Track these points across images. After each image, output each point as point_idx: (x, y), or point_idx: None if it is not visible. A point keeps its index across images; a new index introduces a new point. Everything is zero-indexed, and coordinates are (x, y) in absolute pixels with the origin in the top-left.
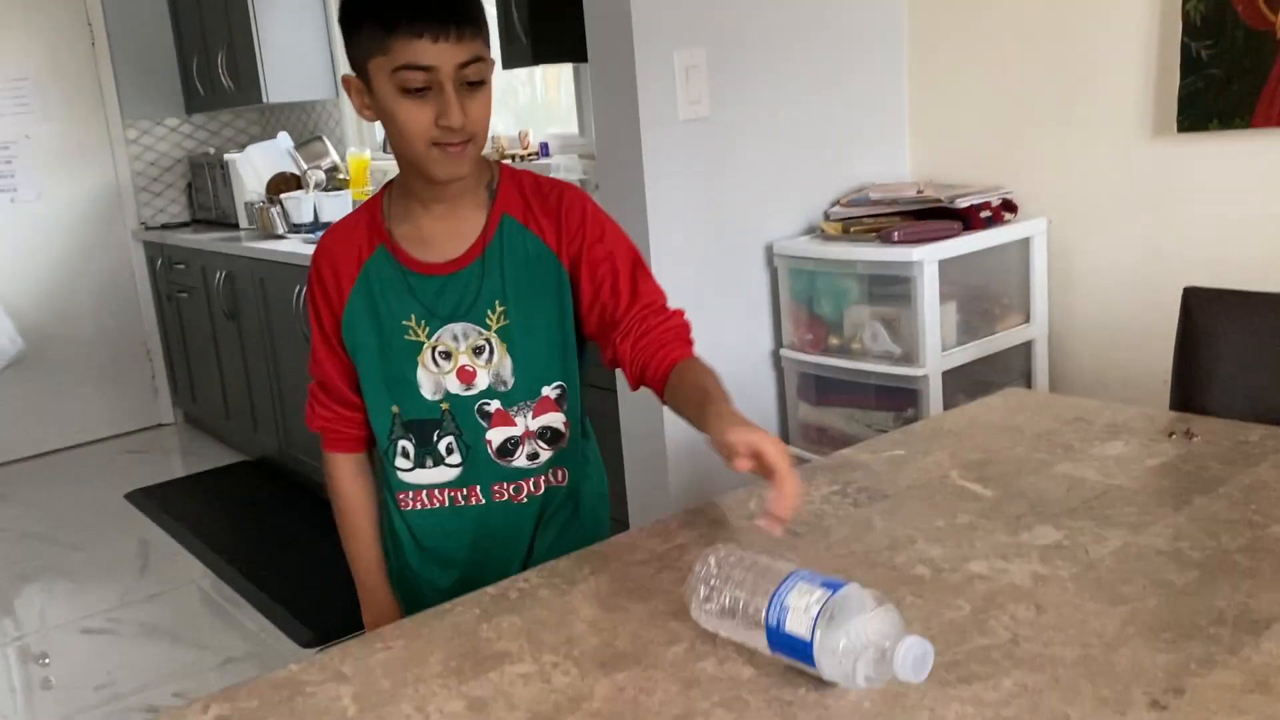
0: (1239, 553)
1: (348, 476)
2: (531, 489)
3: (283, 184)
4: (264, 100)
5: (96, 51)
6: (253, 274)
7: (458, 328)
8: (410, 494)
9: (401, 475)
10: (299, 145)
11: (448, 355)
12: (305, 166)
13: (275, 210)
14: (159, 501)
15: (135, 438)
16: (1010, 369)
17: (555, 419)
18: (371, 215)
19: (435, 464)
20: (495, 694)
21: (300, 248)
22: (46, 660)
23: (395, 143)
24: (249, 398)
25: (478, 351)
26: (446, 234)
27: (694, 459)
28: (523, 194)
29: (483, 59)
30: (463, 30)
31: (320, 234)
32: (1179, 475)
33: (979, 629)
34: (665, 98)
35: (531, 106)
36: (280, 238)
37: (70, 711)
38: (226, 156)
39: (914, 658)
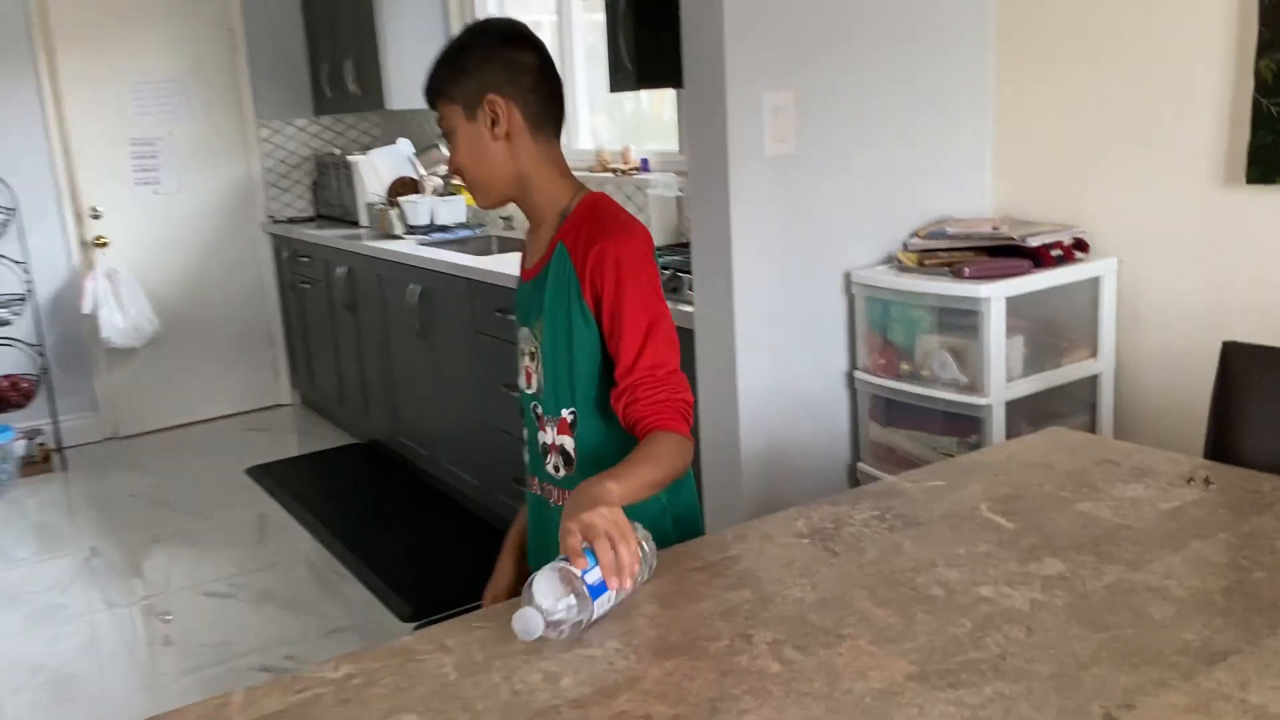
0: (1219, 593)
1: None
2: (559, 498)
3: (402, 187)
4: (386, 106)
5: (236, 56)
6: (371, 270)
7: (523, 331)
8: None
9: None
10: (418, 151)
11: (522, 354)
12: (424, 172)
13: (394, 212)
14: (276, 477)
15: (255, 416)
16: (1076, 400)
17: (568, 442)
18: None
19: (526, 446)
20: (566, 670)
21: (415, 249)
22: (169, 618)
23: None
24: (362, 385)
25: (532, 356)
26: (532, 248)
27: (768, 471)
28: (582, 226)
29: (446, 119)
30: (433, 104)
31: (435, 236)
32: (1186, 519)
33: (974, 644)
34: (753, 135)
35: (637, 118)
36: (397, 238)
37: (190, 667)
38: (350, 158)
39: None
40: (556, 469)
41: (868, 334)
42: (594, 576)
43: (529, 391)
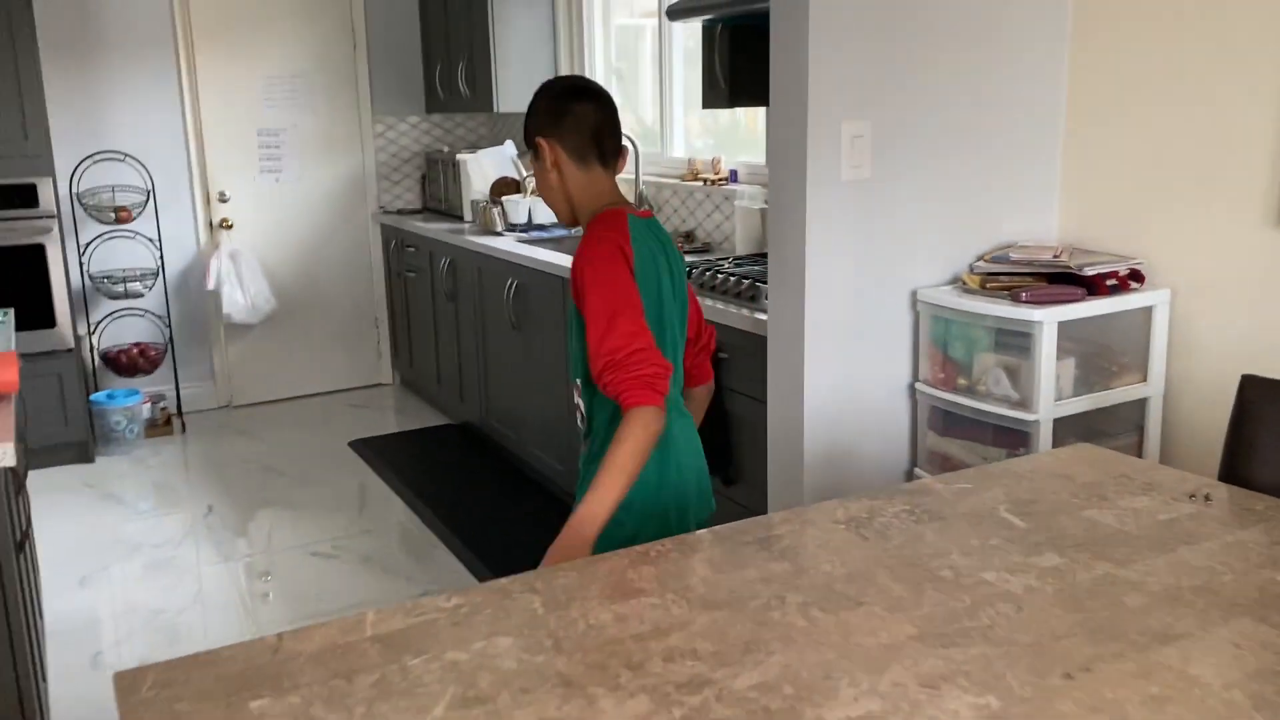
0: (1189, 590)
1: None
2: (583, 447)
3: (505, 187)
4: (494, 109)
5: (357, 55)
6: (472, 263)
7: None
8: None
9: None
10: (522, 153)
11: None
12: (525, 173)
13: (496, 210)
14: (376, 451)
15: (358, 393)
16: (1124, 421)
17: (581, 403)
18: None
19: None
20: (631, 613)
21: (514, 246)
22: (269, 577)
23: None
24: (458, 370)
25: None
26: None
27: (830, 470)
28: (584, 240)
29: (531, 154)
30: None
31: (532, 234)
32: (1178, 529)
33: (969, 616)
34: (831, 161)
35: (732, 128)
36: (498, 235)
37: (292, 619)
38: (458, 156)
39: None
40: (580, 420)
41: (930, 349)
42: None
43: None
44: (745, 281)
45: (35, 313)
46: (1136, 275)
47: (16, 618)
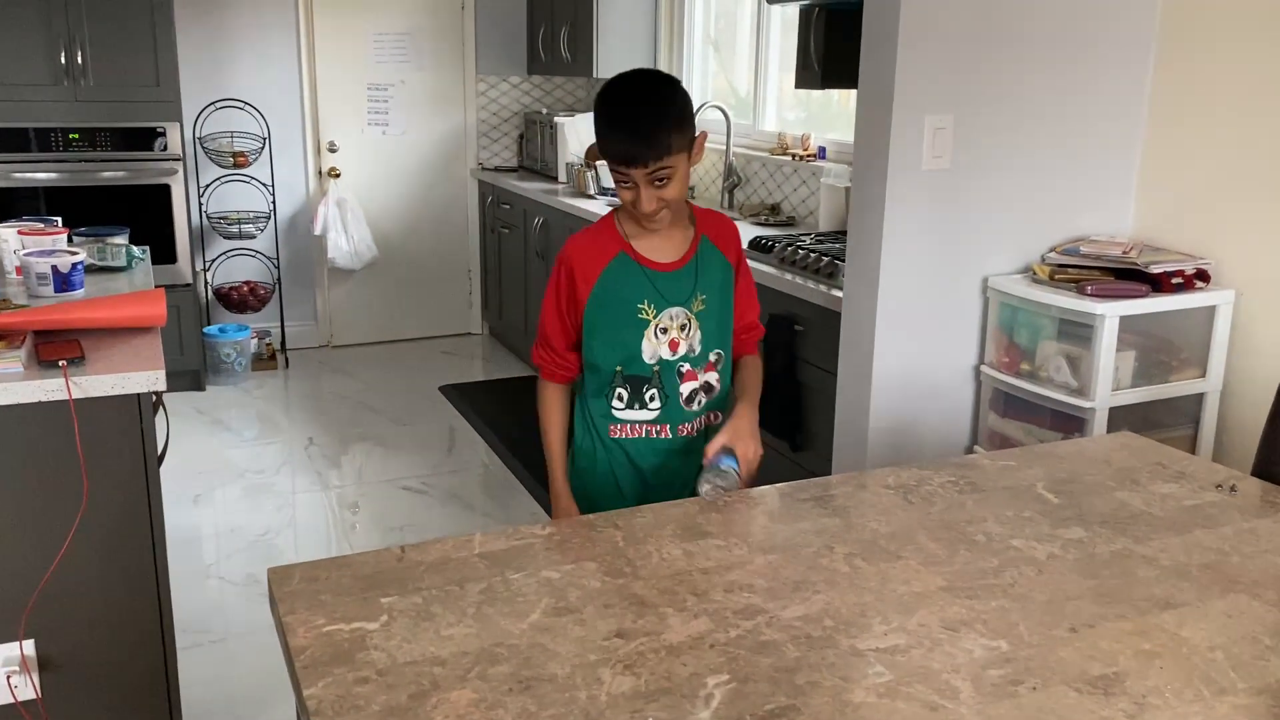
0: (1195, 566)
1: (554, 401)
2: (699, 425)
3: (598, 152)
4: (594, 74)
5: (464, 14)
6: (564, 224)
7: (674, 310)
8: (619, 426)
9: (616, 413)
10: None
11: (665, 330)
12: None
13: (590, 174)
14: (464, 396)
15: (449, 341)
16: (1180, 414)
17: (713, 376)
18: (610, 232)
19: (641, 407)
20: (699, 551)
21: (605, 210)
22: (357, 509)
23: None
24: None
25: (682, 328)
26: (668, 246)
27: (893, 444)
28: (711, 224)
29: (667, 166)
30: (648, 159)
31: None
32: (1200, 514)
33: (994, 575)
34: (913, 151)
35: (825, 105)
36: (590, 198)
37: (378, 545)
38: (556, 118)
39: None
40: (701, 403)
41: (996, 334)
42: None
43: (673, 358)
44: (825, 259)
45: (158, 249)
46: (1203, 275)
47: (159, 526)
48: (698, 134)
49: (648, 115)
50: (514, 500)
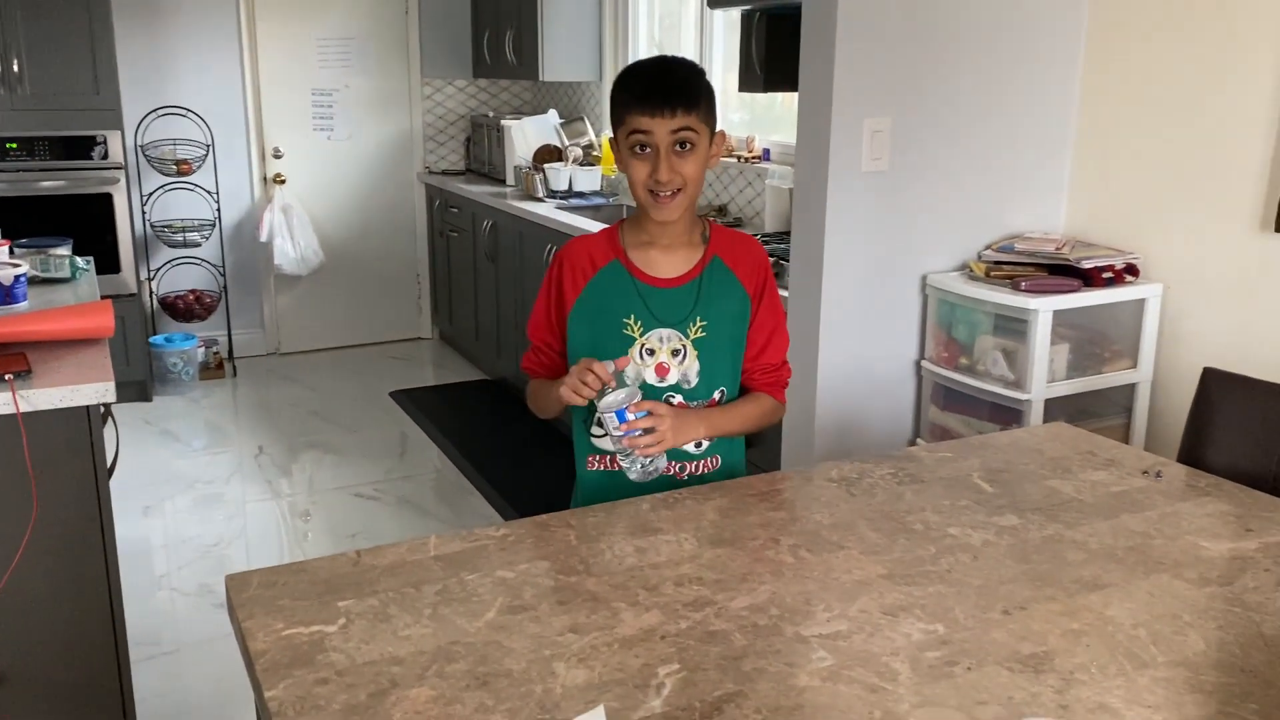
0: (1122, 550)
1: (539, 383)
2: (693, 470)
3: (547, 154)
4: (539, 77)
5: (409, 19)
6: (513, 227)
7: (665, 332)
8: (595, 458)
9: (594, 441)
10: (564, 123)
11: (651, 352)
12: (567, 142)
13: (538, 176)
14: (415, 401)
15: (399, 346)
16: (1113, 404)
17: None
18: (610, 238)
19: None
20: (650, 547)
21: (554, 212)
22: (309, 517)
23: (630, 189)
24: (496, 328)
25: (675, 353)
26: (669, 261)
27: (839, 438)
28: (730, 246)
29: (693, 129)
30: (675, 108)
31: (572, 201)
32: (1126, 500)
33: (931, 562)
34: (852, 154)
35: (769, 107)
36: (539, 200)
37: (331, 552)
38: (503, 121)
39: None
40: (699, 444)
41: (935, 330)
42: (628, 423)
43: (659, 385)
44: (771, 259)
45: (101, 258)
46: (1132, 269)
47: (111, 538)
48: (719, 129)
49: (679, 70)
50: (467, 504)
